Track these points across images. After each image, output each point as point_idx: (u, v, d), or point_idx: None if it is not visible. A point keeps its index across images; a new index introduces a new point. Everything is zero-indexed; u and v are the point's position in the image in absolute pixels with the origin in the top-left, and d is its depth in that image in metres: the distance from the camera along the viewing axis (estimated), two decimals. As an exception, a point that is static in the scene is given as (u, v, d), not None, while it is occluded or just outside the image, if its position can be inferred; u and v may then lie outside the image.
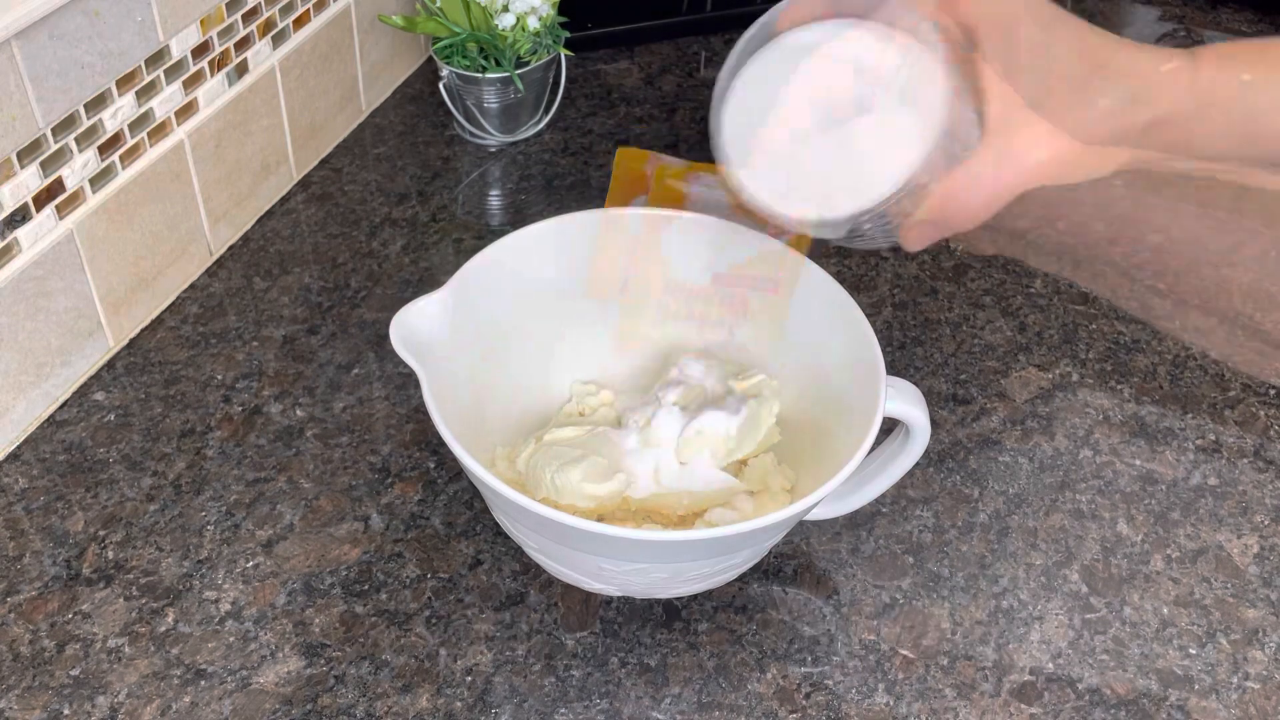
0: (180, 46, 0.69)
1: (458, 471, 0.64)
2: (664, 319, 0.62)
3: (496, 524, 0.61)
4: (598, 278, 0.60)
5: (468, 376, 0.59)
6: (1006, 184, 0.46)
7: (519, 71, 0.84)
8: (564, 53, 0.87)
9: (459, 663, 0.56)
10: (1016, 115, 0.45)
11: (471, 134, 0.89)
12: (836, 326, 0.59)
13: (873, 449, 0.54)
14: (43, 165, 0.62)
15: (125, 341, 0.71)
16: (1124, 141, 0.45)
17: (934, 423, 0.67)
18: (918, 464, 0.61)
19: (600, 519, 0.53)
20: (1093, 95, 0.44)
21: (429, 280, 0.76)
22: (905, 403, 0.54)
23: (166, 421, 0.66)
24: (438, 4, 0.82)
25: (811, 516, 0.61)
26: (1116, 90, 0.44)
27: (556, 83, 0.91)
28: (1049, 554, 0.62)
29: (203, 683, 0.54)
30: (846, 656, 0.57)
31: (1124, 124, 0.45)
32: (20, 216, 0.61)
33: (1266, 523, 0.64)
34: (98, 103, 0.64)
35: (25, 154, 0.60)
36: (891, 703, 0.55)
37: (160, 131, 0.70)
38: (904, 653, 0.57)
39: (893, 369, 0.69)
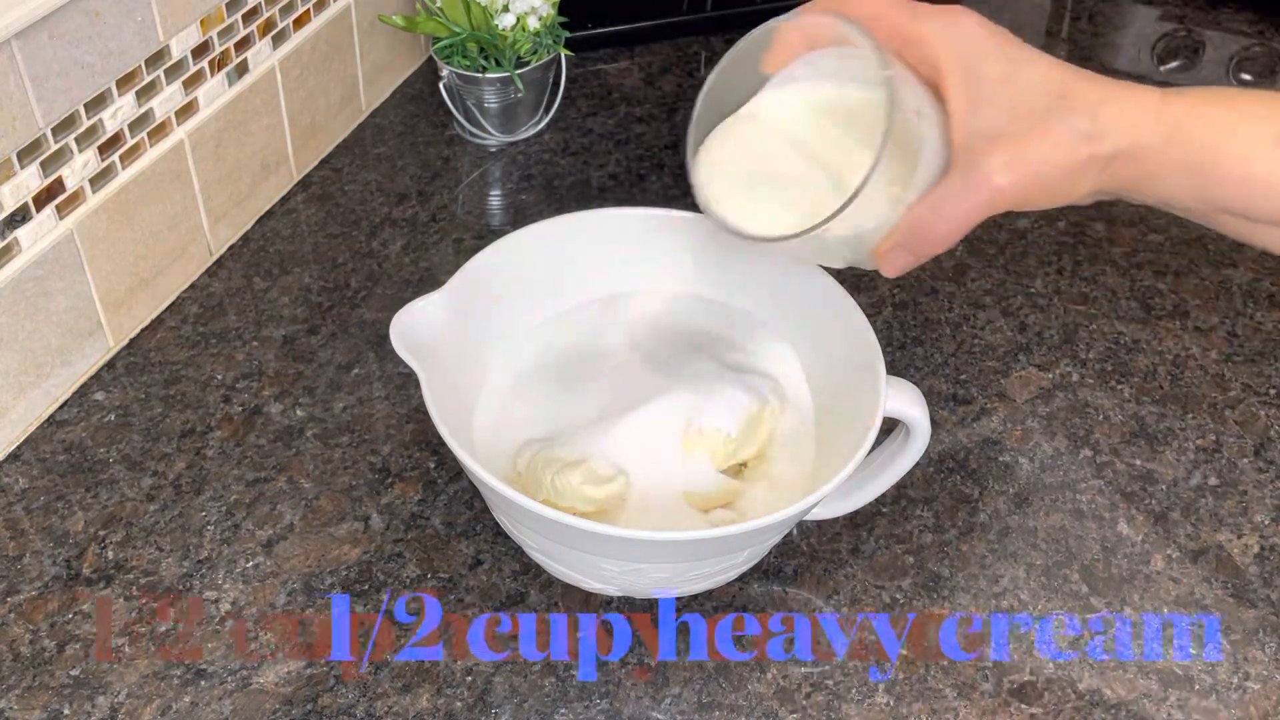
0: (180, 46, 0.69)
1: (458, 471, 0.64)
2: None
3: (496, 524, 0.61)
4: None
5: (468, 376, 0.60)
6: (972, 208, 0.46)
7: (519, 71, 0.84)
8: (564, 53, 0.87)
9: (459, 663, 0.56)
10: (980, 144, 0.46)
11: (471, 134, 0.89)
12: (836, 326, 0.59)
13: (873, 449, 0.54)
14: (43, 165, 0.62)
15: (125, 341, 0.71)
16: (1086, 173, 0.46)
17: (934, 423, 0.67)
18: (918, 464, 0.61)
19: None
20: (1052, 125, 0.45)
21: (429, 280, 0.76)
22: (905, 403, 0.54)
23: (166, 421, 0.66)
24: (438, 4, 0.82)
25: (811, 516, 0.61)
26: (1078, 120, 0.45)
27: (556, 83, 0.91)
28: (1049, 554, 0.62)
29: (203, 683, 0.54)
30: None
31: (1083, 155, 0.45)
32: (20, 216, 0.61)
33: (1266, 523, 0.64)
34: (98, 103, 0.64)
35: (25, 154, 0.60)
36: (891, 703, 0.55)
37: (160, 131, 0.70)
38: (904, 653, 0.57)
39: (893, 369, 0.69)
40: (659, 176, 0.86)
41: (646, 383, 0.60)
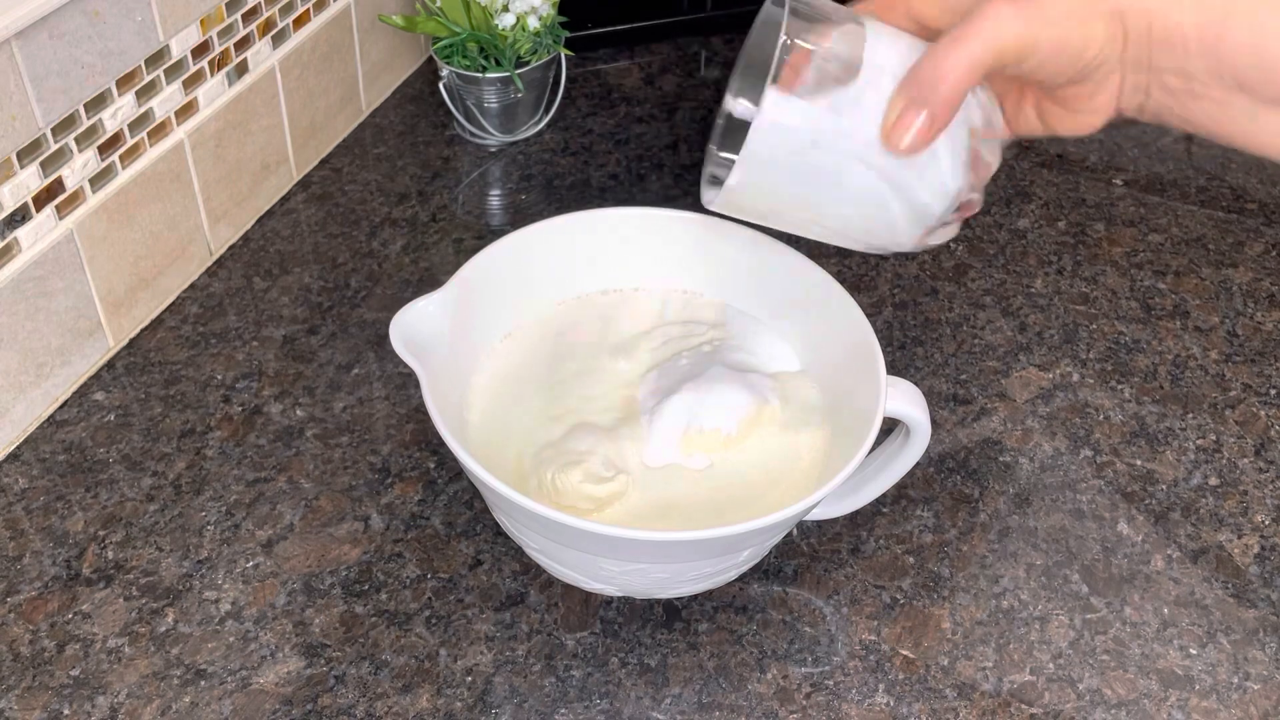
0: (180, 46, 0.69)
1: (458, 471, 0.64)
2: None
3: (496, 524, 0.61)
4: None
5: (468, 376, 0.60)
6: (978, 43, 0.46)
7: (519, 71, 0.84)
8: (564, 52, 0.87)
9: (459, 663, 0.56)
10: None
11: (471, 134, 0.89)
12: (837, 326, 0.59)
13: (873, 449, 0.54)
14: (43, 165, 0.62)
15: (125, 341, 0.71)
16: (1094, 20, 0.46)
17: (934, 423, 0.67)
18: (918, 464, 0.61)
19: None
20: None
21: (429, 280, 0.76)
22: (905, 403, 0.54)
23: (166, 421, 0.66)
24: (438, 4, 0.82)
25: (811, 516, 0.61)
26: None
27: (556, 83, 0.91)
28: (1049, 554, 0.62)
29: (203, 683, 0.54)
30: (846, 656, 0.57)
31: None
32: (20, 216, 0.61)
33: (1266, 523, 0.64)
34: (98, 103, 0.64)
35: (25, 154, 0.60)
36: (891, 703, 0.55)
37: (160, 131, 0.70)
38: (904, 653, 0.57)
39: (893, 369, 0.69)
40: (659, 176, 0.86)
41: (646, 382, 0.60)
